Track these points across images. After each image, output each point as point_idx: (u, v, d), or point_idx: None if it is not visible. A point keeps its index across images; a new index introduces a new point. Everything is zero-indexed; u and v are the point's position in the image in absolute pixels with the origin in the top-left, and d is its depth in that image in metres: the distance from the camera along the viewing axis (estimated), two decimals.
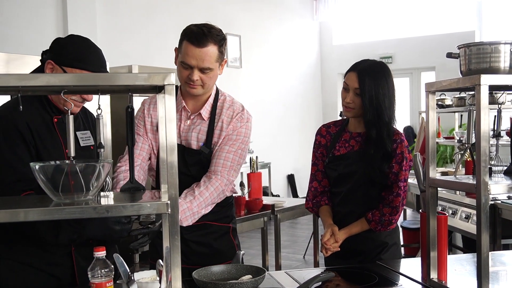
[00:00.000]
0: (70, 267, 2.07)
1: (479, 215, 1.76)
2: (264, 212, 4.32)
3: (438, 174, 2.24)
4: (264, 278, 1.97)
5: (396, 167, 2.40)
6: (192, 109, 2.40)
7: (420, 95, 10.28)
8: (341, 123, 2.58)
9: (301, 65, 10.75)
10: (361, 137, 2.47)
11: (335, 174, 2.50)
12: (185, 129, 2.39)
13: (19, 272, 1.99)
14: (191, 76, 2.26)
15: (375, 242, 2.47)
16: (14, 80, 1.37)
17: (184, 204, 2.21)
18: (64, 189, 1.40)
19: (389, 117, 2.38)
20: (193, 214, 2.24)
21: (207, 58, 2.25)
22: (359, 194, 2.45)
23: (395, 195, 2.40)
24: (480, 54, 1.88)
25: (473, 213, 3.85)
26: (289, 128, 10.11)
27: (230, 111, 2.41)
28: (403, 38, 10.45)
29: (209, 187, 2.28)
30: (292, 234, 7.69)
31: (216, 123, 2.39)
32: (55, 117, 2.05)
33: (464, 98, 5.59)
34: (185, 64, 2.26)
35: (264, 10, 9.72)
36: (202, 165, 2.36)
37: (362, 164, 2.41)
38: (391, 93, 2.40)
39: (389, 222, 2.41)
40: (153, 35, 7.45)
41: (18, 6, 5.76)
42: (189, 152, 2.36)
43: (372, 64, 2.42)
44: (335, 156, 2.50)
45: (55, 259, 2.04)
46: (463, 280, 2.16)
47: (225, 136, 2.38)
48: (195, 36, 2.23)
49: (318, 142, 2.59)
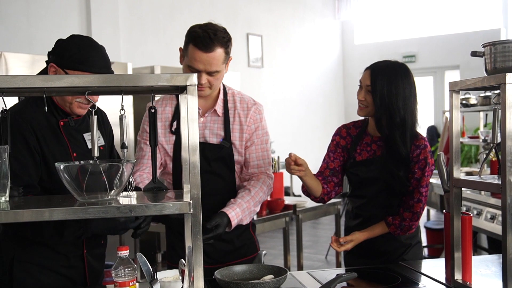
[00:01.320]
0: (82, 268, 2.11)
1: (505, 215, 1.73)
2: (286, 212, 4.32)
3: (463, 174, 2.22)
4: (286, 278, 1.97)
5: (418, 173, 2.36)
6: (203, 107, 2.39)
7: (444, 94, 10.18)
8: (361, 125, 2.53)
9: (323, 65, 10.71)
10: (382, 142, 2.43)
11: (357, 179, 2.47)
12: (200, 126, 2.38)
13: (34, 274, 2.02)
14: (199, 80, 2.24)
15: (398, 242, 2.45)
16: (39, 82, 1.39)
17: (244, 203, 2.29)
18: (88, 189, 1.42)
19: (402, 118, 2.30)
20: (251, 213, 2.35)
21: (215, 62, 2.24)
22: (380, 199, 2.42)
23: (416, 200, 2.37)
24: (506, 52, 1.85)
25: (499, 213, 3.80)
26: (310, 128, 10.08)
27: (244, 104, 2.43)
28: (426, 37, 10.35)
29: (263, 187, 2.38)
30: (314, 234, 7.67)
31: (232, 118, 2.40)
32: (61, 121, 2.05)
33: (489, 97, 5.51)
34: (192, 68, 2.25)
35: (286, 10, 9.72)
36: (223, 160, 2.37)
37: (383, 171, 2.38)
38: (407, 94, 2.31)
39: (409, 227, 2.38)
40: (176, 35, 7.49)
41: (43, 8, 5.84)
42: (209, 148, 2.36)
43: (389, 64, 2.36)
44: (357, 162, 2.45)
45: (69, 262, 2.08)
46: (488, 282, 2.13)
47: (251, 133, 2.40)
48: (201, 40, 2.20)
49: (336, 142, 2.53)
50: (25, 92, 1.53)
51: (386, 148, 2.36)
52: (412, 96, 2.34)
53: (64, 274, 2.06)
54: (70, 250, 2.07)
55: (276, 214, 4.25)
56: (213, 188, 2.32)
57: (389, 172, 2.35)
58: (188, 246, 1.44)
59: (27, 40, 5.66)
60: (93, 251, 2.14)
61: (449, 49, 9.96)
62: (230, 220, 2.22)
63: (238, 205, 2.27)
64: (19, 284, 2.00)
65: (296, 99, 9.79)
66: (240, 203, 2.28)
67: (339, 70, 11.12)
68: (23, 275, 2.01)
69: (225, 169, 2.37)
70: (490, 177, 2.13)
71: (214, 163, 2.35)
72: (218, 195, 2.34)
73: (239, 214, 2.26)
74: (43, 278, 2.02)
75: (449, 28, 10.17)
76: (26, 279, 2.01)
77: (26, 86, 1.39)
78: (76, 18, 6.17)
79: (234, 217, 2.24)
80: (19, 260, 2.02)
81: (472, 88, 1.98)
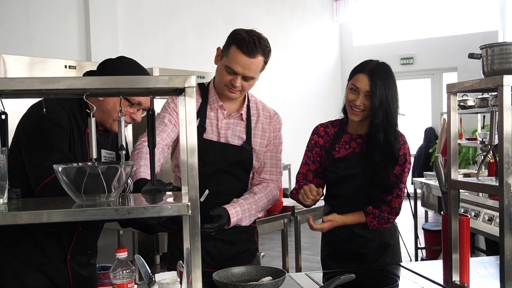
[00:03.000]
0: (66, 273, 2.11)
1: (502, 217, 1.73)
2: (284, 213, 4.31)
3: (460, 175, 2.22)
4: (284, 280, 1.97)
5: (398, 169, 2.37)
6: (228, 109, 2.42)
7: (441, 96, 10.18)
8: (338, 123, 2.53)
9: (322, 67, 10.72)
10: (362, 139, 2.43)
11: (334, 177, 2.44)
12: (224, 127, 2.40)
13: (19, 272, 2.03)
14: (234, 82, 2.29)
15: (377, 243, 2.44)
16: (37, 84, 1.39)
17: (246, 204, 2.33)
18: (87, 191, 1.42)
19: (396, 119, 2.34)
20: (251, 216, 2.37)
21: (253, 68, 2.28)
22: (359, 196, 2.42)
23: (395, 196, 2.38)
24: (503, 54, 1.85)
25: (496, 215, 3.80)
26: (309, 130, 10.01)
27: (266, 112, 2.50)
28: (424, 39, 10.36)
29: (268, 195, 2.43)
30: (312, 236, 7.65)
31: (255, 124, 2.44)
32: (87, 129, 2.07)
33: (487, 99, 5.52)
34: (230, 69, 2.27)
35: (285, 12, 9.72)
36: (242, 162, 2.40)
37: (363, 167, 2.38)
38: (396, 94, 2.35)
39: (386, 220, 2.39)
40: (174, 38, 7.50)
41: (42, 10, 5.84)
42: (231, 148, 2.38)
43: (380, 65, 2.37)
44: (335, 159, 2.44)
45: (54, 263, 2.08)
46: (486, 283, 2.14)
47: (269, 141, 2.45)
48: (246, 44, 2.24)
49: (314, 141, 2.54)
50: (24, 94, 1.53)
51: (377, 150, 2.35)
52: (397, 95, 2.37)
53: (48, 276, 2.06)
54: (54, 252, 2.08)
55: (275, 215, 4.25)
56: (227, 188, 2.37)
57: (381, 171, 2.34)
58: (187, 248, 1.45)
59: (26, 42, 5.66)
60: (77, 258, 2.13)
61: (447, 51, 9.97)
62: (229, 217, 2.26)
63: (240, 205, 2.32)
64: (3, 280, 2.01)
65: (294, 101, 9.79)
66: (242, 203, 2.33)
67: (337, 72, 11.12)
68: (8, 272, 2.02)
69: (241, 172, 2.41)
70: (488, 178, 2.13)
71: (233, 164, 2.38)
72: (231, 195, 2.37)
73: (239, 213, 2.30)
74: (27, 277, 2.03)
75: (447, 30, 10.18)
76: (10, 276, 2.02)
77: (25, 88, 1.39)
78: (75, 20, 6.17)
79: (233, 214, 2.28)
80: (6, 256, 2.03)
81: (470, 90, 1.98)
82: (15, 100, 1.58)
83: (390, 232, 2.48)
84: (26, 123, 2.00)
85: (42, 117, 1.89)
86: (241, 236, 2.43)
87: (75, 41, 6.17)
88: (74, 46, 6.15)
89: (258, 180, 2.46)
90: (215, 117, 2.39)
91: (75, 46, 6.15)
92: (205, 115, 2.38)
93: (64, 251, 2.10)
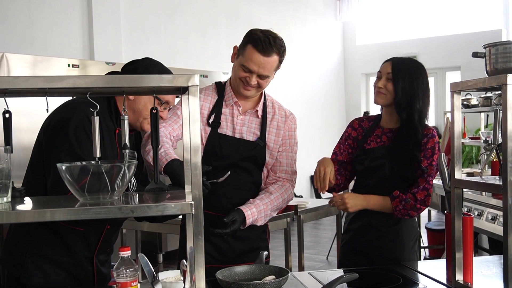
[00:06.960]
0: (91, 271, 2.12)
1: (506, 216, 1.73)
2: (287, 212, 4.31)
3: (464, 174, 2.22)
4: (287, 279, 1.97)
5: (424, 162, 2.36)
6: (243, 106, 2.46)
7: (445, 95, 10.17)
8: (374, 119, 2.58)
9: (325, 65, 10.71)
10: (392, 133, 2.45)
11: (361, 168, 2.49)
12: (239, 123, 2.44)
13: (44, 269, 2.03)
14: (249, 80, 2.34)
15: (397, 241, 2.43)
16: (41, 82, 1.39)
17: (262, 205, 2.37)
18: (90, 190, 1.42)
19: (421, 106, 2.38)
20: (266, 216, 2.41)
21: (268, 67, 2.32)
22: (384, 188, 2.41)
23: (421, 188, 2.35)
24: (506, 53, 1.85)
25: (500, 214, 3.80)
26: (312, 129, 10.08)
27: (282, 111, 2.54)
28: (427, 38, 10.34)
29: (284, 194, 2.45)
30: (315, 235, 7.67)
31: (270, 121, 2.48)
32: (118, 129, 2.09)
33: (490, 98, 5.51)
34: (245, 68, 2.32)
35: (288, 10, 9.71)
36: (255, 158, 2.42)
37: (390, 159, 2.39)
38: (425, 86, 2.41)
39: (412, 206, 2.34)
40: (176, 36, 7.50)
41: (44, 9, 5.85)
42: (244, 144, 2.41)
43: (409, 58, 2.48)
44: (364, 150, 2.48)
45: (80, 262, 2.09)
46: (489, 282, 2.14)
47: (285, 139, 2.48)
48: (261, 43, 2.29)
49: (347, 134, 2.58)
50: (27, 93, 1.53)
51: (398, 136, 2.38)
52: (428, 90, 2.45)
53: (73, 274, 2.07)
54: (81, 250, 2.08)
55: (278, 214, 4.24)
56: (239, 183, 2.40)
57: (397, 159, 2.36)
58: (190, 246, 1.45)
59: (29, 41, 5.66)
60: (100, 257, 2.16)
61: (450, 50, 9.95)
62: (245, 218, 2.30)
63: (256, 206, 2.35)
64: (27, 278, 2.01)
65: (297, 99, 9.78)
66: (258, 204, 2.36)
67: (340, 71, 11.11)
68: (33, 269, 2.02)
69: (254, 167, 2.44)
70: (491, 178, 2.13)
71: (245, 158, 2.41)
72: (243, 190, 2.41)
73: (254, 214, 2.33)
74: (51, 274, 2.04)
75: (450, 29, 10.16)
76: (35, 274, 2.02)
77: (28, 86, 1.39)
78: (77, 19, 6.17)
79: (249, 215, 2.31)
80: (32, 254, 2.03)
81: (473, 89, 1.98)
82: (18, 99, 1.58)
83: (407, 228, 2.45)
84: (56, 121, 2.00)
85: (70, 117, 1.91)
86: (252, 234, 2.44)
87: (78, 40, 6.17)
88: (77, 45, 6.15)
89: (273, 179, 2.49)
90: (230, 113, 2.44)
91: (78, 45, 6.16)
92: (220, 111, 2.43)
93: (91, 250, 2.11)
